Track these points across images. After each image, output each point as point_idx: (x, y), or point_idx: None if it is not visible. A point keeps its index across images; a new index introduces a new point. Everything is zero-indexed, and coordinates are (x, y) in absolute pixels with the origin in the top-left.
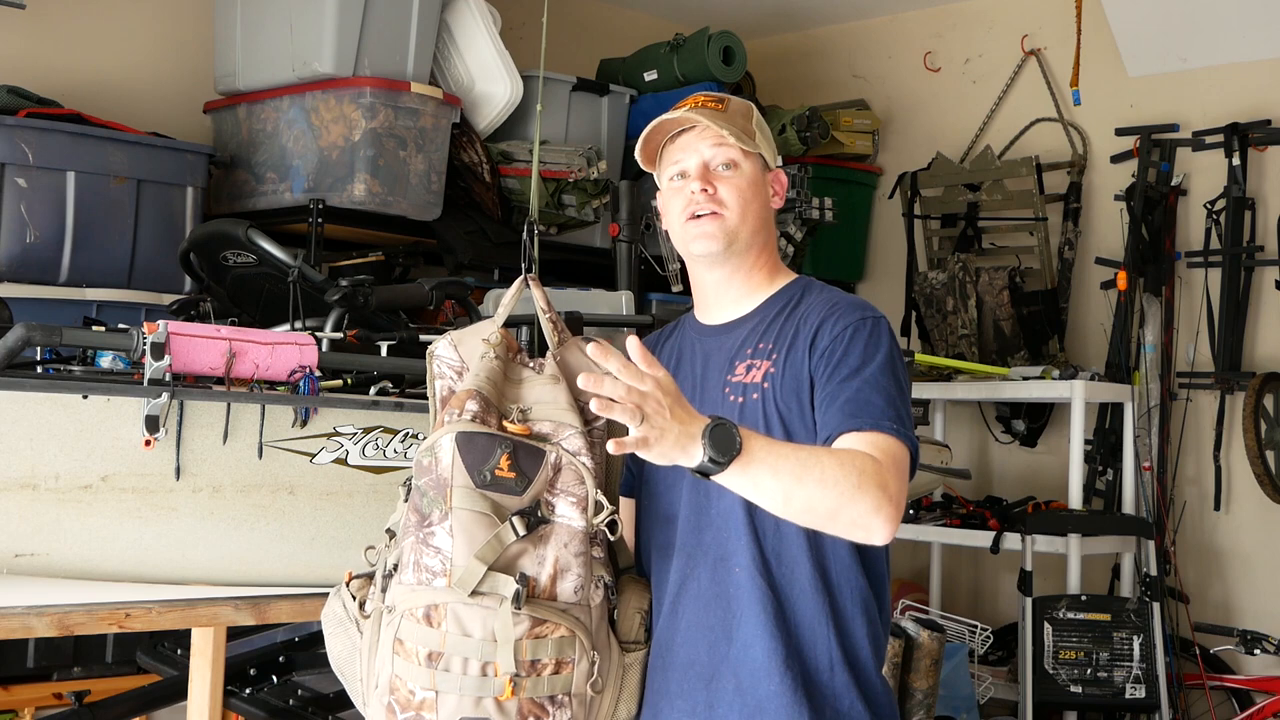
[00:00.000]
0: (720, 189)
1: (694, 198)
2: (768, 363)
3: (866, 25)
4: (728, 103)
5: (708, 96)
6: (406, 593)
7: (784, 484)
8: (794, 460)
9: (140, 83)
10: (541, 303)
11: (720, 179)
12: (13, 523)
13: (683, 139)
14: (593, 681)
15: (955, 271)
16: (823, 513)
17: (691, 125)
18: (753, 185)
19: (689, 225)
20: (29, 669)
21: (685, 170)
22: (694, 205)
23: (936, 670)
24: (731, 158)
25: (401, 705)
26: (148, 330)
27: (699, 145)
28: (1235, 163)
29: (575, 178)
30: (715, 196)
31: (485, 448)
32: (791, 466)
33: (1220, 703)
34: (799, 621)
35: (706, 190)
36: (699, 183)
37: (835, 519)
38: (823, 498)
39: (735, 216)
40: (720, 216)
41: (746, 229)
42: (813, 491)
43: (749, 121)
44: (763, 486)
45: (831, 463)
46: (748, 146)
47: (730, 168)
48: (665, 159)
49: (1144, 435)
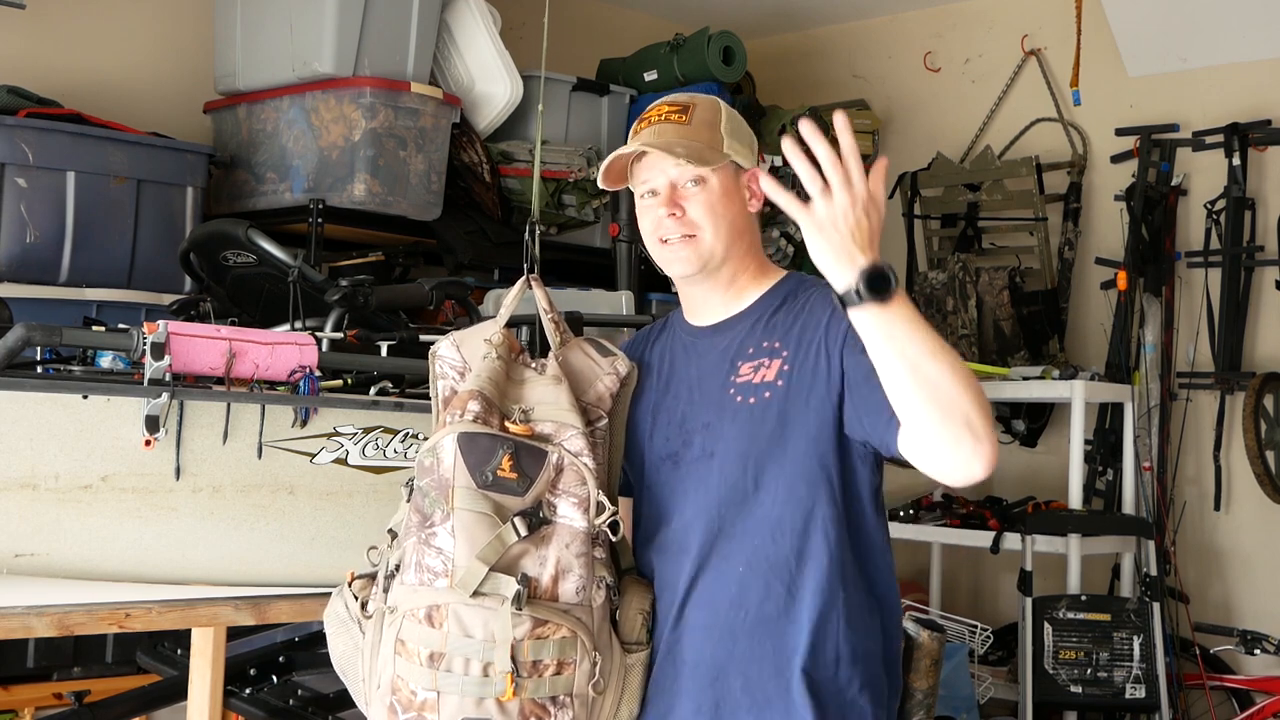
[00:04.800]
0: (689, 209)
1: (663, 222)
2: (778, 361)
3: (866, 25)
4: (692, 111)
5: (670, 106)
6: (408, 593)
7: (918, 349)
8: (934, 339)
9: (140, 83)
10: (543, 303)
11: (688, 197)
12: (13, 523)
13: (648, 157)
14: (594, 682)
15: (955, 271)
16: (943, 399)
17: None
18: (724, 197)
19: (662, 249)
20: (29, 669)
21: (655, 189)
22: (664, 229)
23: (936, 670)
24: (698, 174)
25: (403, 706)
26: (148, 330)
27: (664, 164)
28: (1235, 163)
29: (575, 178)
30: (685, 219)
31: (487, 448)
32: (929, 339)
33: (1220, 703)
34: (808, 620)
35: (674, 214)
36: (665, 207)
37: (950, 415)
38: (950, 384)
39: (709, 235)
40: (692, 238)
41: (721, 244)
42: (944, 372)
43: (714, 130)
44: (896, 340)
45: (963, 366)
46: (708, 163)
47: (698, 184)
48: (635, 174)
49: (1144, 435)
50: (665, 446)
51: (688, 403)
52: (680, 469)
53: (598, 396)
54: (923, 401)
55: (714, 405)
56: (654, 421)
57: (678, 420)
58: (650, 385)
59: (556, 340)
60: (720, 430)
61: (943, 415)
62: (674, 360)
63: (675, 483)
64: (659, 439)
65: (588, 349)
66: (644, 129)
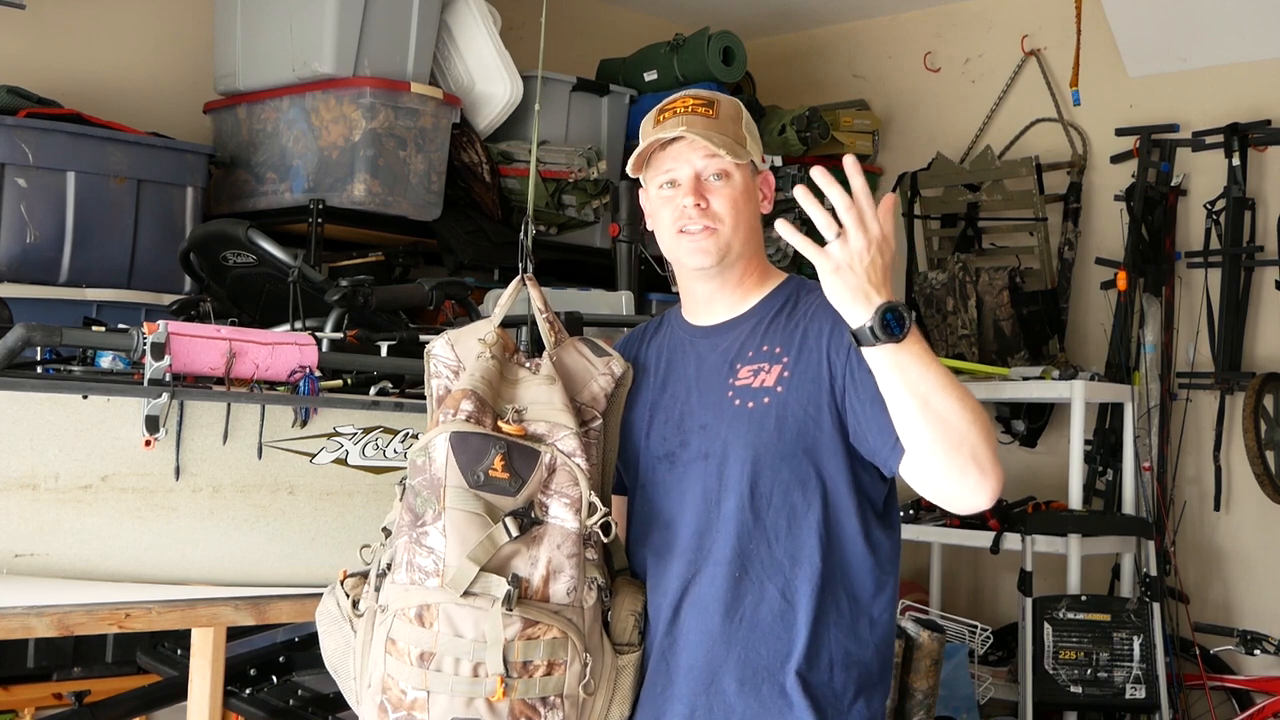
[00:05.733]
0: (713, 202)
1: (686, 212)
2: (779, 367)
3: (866, 25)
4: (718, 106)
5: (697, 100)
6: (399, 592)
7: (929, 385)
8: (945, 375)
9: (140, 83)
10: (538, 303)
11: (713, 190)
12: (13, 523)
13: (674, 147)
14: (585, 683)
15: (955, 272)
16: (952, 435)
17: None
18: (745, 195)
19: (681, 239)
20: (29, 669)
21: (676, 180)
22: (686, 219)
23: (936, 670)
24: (723, 168)
25: (393, 705)
26: (148, 330)
27: (691, 155)
28: (1235, 163)
29: (575, 178)
30: (709, 210)
31: (479, 448)
32: (940, 374)
33: (1220, 703)
34: (803, 625)
35: (700, 205)
36: (692, 197)
37: (957, 449)
38: (959, 418)
39: (729, 229)
40: (714, 231)
41: (739, 240)
42: (954, 407)
43: (739, 126)
44: (908, 375)
45: (972, 398)
46: (739, 157)
47: (722, 178)
48: (655, 164)
49: (1144, 435)
50: (662, 446)
51: (685, 403)
52: (676, 469)
53: (592, 397)
54: (931, 435)
55: (712, 407)
56: (650, 420)
57: (675, 420)
58: (647, 384)
59: (551, 340)
60: (718, 432)
61: (950, 449)
62: (671, 359)
63: (671, 483)
64: (655, 438)
65: (582, 349)
66: (668, 119)
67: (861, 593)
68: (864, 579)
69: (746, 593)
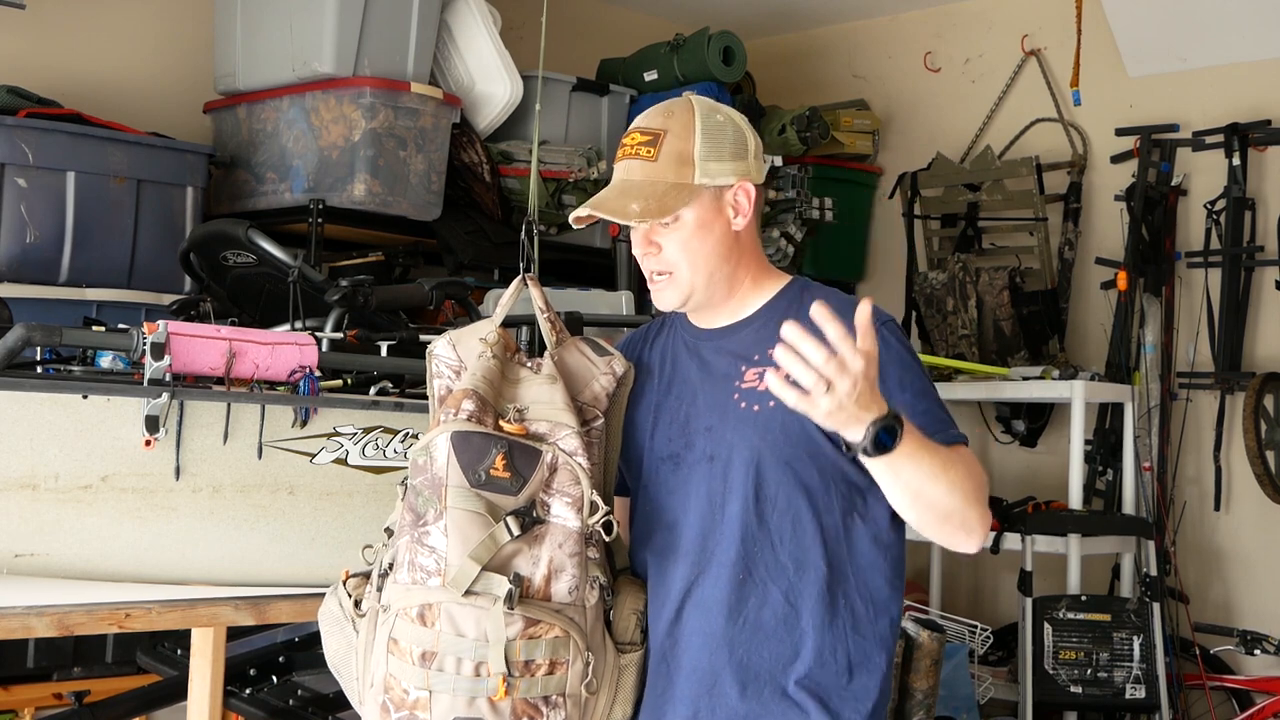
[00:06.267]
0: (665, 248)
1: (643, 259)
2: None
3: (866, 25)
4: (661, 140)
5: (642, 137)
6: (401, 592)
7: (922, 480)
8: (935, 460)
9: (140, 83)
10: (540, 302)
11: (663, 235)
12: (13, 523)
13: None
14: (587, 683)
15: (955, 272)
16: (940, 513)
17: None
18: (699, 231)
19: (650, 282)
20: (29, 669)
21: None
22: (643, 265)
23: (936, 670)
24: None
25: (396, 704)
26: (148, 330)
27: None
28: (1235, 163)
29: (575, 178)
30: (661, 257)
31: (480, 447)
32: (930, 466)
33: (1220, 703)
34: (806, 628)
35: (650, 253)
36: (641, 247)
37: (947, 521)
38: (949, 500)
39: (685, 272)
40: (670, 275)
41: (701, 278)
42: (944, 491)
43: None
44: (903, 476)
45: (962, 470)
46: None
47: (668, 223)
48: None
49: (1144, 435)
50: (666, 447)
51: (691, 404)
52: (680, 471)
53: (593, 396)
54: (923, 517)
55: (718, 409)
56: (655, 421)
57: (680, 421)
58: (651, 385)
59: (552, 340)
60: (723, 435)
61: (939, 521)
62: (676, 361)
63: (675, 484)
64: (660, 439)
65: (584, 348)
66: (619, 158)
67: (870, 596)
68: (875, 582)
69: (750, 595)
